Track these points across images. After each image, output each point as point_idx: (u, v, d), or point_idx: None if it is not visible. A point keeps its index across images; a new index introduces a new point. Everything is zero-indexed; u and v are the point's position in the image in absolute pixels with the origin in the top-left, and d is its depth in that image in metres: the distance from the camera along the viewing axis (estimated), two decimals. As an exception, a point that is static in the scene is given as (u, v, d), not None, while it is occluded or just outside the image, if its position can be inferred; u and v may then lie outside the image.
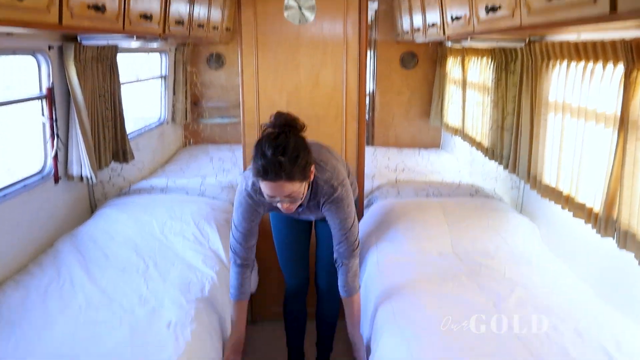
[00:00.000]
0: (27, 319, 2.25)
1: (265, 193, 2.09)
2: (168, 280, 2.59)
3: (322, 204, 2.27)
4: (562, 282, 2.58)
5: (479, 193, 3.48)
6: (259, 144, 2.04)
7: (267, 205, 2.30)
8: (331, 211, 2.27)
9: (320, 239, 2.72)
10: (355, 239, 2.32)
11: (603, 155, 2.33)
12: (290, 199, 2.08)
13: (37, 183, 2.92)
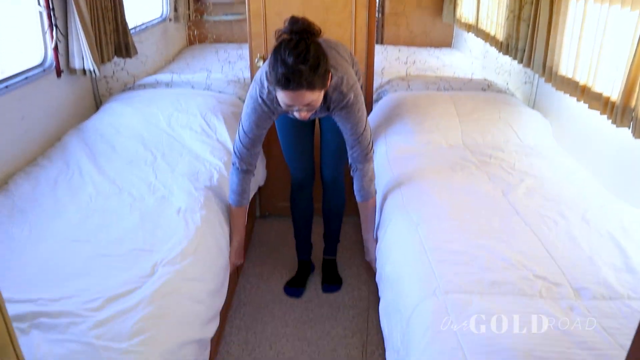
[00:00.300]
0: (38, 207, 2.28)
1: (282, 102, 2.01)
2: (176, 170, 2.58)
3: (332, 109, 2.21)
4: (571, 175, 2.56)
5: (491, 88, 3.38)
6: (277, 51, 1.93)
7: (281, 112, 2.24)
8: (342, 117, 2.22)
9: (324, 131, 2.69)
10: (368, 143, 2.28)
11: (626, 40, 2.22)
12: (308, 107, 2.02)
13: (39, 76, 2.85)
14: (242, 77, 3.65)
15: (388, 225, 2.24)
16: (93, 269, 1.86)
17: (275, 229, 3.56)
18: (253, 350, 2.53)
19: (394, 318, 1.81)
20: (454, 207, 2.17)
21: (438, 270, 1.76)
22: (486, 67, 3.48)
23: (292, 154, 2.75)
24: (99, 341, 1.49)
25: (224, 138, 2.84)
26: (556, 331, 1.50)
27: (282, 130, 2.69)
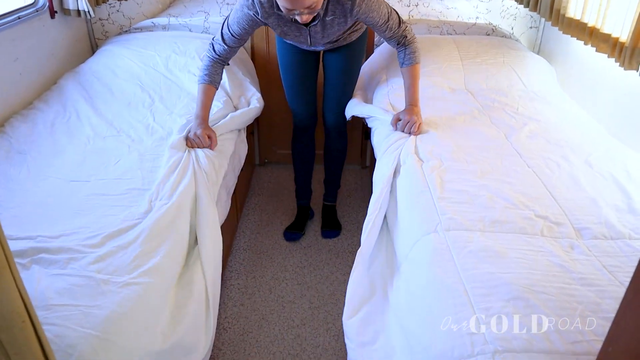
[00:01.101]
0: (36, 148, 2.25)
1: (283, 7, 1.97)
2: (175, 112, 2.54)
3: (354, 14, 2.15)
4: (575, 119, 2.52)
5: (495, 32, 3.29)
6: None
7: (273, 18, 2.19)
8: (364, 14, 2.16)
9: (327, 72, 2.65)
10: (399, 24, 2.26)
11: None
12: (309, 10, 1.98)
13: (33, 16, 2.77)
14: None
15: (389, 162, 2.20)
16: (92, 207, 1.85)
17: (275, 177, 3.55)
18: (253, 294, 2.56)
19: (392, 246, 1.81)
20: (457, 148, 2.14)
21: (440, 207, 1.75)
22: (491, 11, 3.38)
23: (295, 94, 2.70)
24: (99, 275, 1.50)
25: (223, 81, 2.78)
26: (557, 267, 1.50)
27: (284, 68, 2.64)
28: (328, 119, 2.77)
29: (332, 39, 2.36)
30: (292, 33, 2.31)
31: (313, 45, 2.42)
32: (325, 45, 2.46)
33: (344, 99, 2.70)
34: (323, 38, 2.34)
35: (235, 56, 3.02)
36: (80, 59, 3.16)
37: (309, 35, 2.31)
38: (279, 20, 2.23)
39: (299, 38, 2.35)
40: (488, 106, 2.57)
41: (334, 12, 2.17)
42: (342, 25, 2.24)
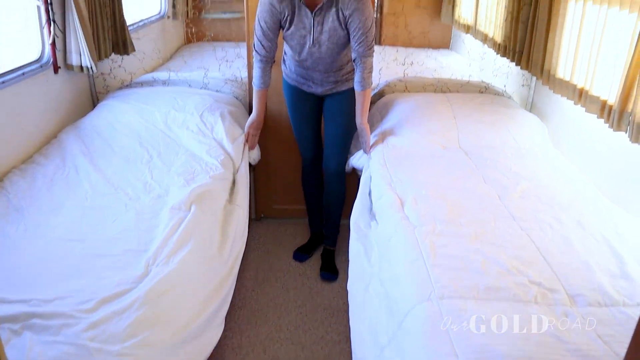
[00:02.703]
0: (34, 205, 2.27)
1: None
2: (172, 169, 2.57)
3: (347, 1, 2.46)
4: (567, 178, 2.56)
5: (488, 90, 3.38)
6: None
7: (286, 3, 2.53)
8: (354, 10, 2.48)
9: (327, 116, 2.92)
10: (372, 40, 2.59)
11: (624, 43, 2.21)
12: None
13: (37, 72, 2.84)
14: (239, 76, 3.64)
15: (382, 224, 2.23)
16: (87, 269, 1.85)
17: (272, 232, 3.55)
18: (247, 355, 2.52)
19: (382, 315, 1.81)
20: (451, 210, 2.17)
21: (434, 275, 1.76)
22: (484, 69, 3.48)
23: (301, 132, 3.04)
24: (92, 343, 1.49)
25: (221, 137, 2.83)
26: (551, 338, 1.50)
27: (292, 110, 2.99)
28: (329, 165, 3.00)
29: (331, 41, 2.60)
30: (300, 24, 2.58)
31: (315, 44, 2.62)
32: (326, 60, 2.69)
33: (344, 146, 2.96)
34: (322, 34, 2.59)
35: (233, 110, 3.10)
36: (81, 113, 3.20)
37: (312, 28, 2.57)
38: (290, 7, 2.55)
39: (303, 32, 2.61)
40: (481, 164, 2.61)
41: (336, 2, 2.49)
42: (343, 22, 2.53)
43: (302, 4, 2.52)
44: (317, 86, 2.81)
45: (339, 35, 2.58)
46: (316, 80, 2.79)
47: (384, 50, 4.48)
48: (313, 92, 2.85)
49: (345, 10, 2.50)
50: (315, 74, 2.77)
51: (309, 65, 2.73)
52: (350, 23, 2.53)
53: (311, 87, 2.83)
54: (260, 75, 2.74)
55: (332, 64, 2.72)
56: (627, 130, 2.20)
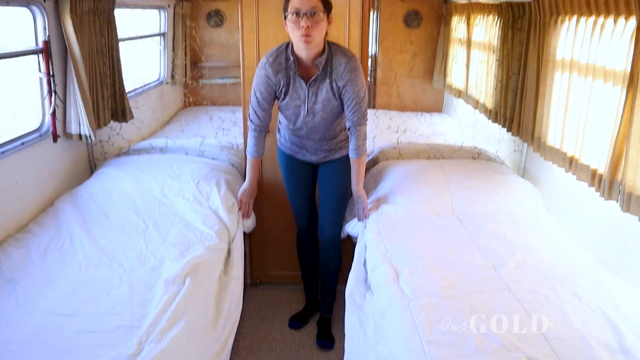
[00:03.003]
0: (27, 277, 2.25)
1: (292, 7, 2.40)
2: (167, 240, 2.57)
3: (341, 73, 2.55)
4: (562, 246, 2.57)
5: (481, 156, 3.44)
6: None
7: (282, 75, 2.60)
8: (348, 81, 2.56)
9: (322, 184, 2.95)
10: (365, 108, 2.66)
11: (610, 114, 2.27)
12: (312, 20, 2.38)
13: (36, 141, 2.88)
14: (235, 143, 3.69)
15: (377, 299, 2.21)
16: (79, 346, 1.82)
17: (267, 299, 3.50)
18: None
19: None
20: (446, 283, 2.16)
21: (429, 351, 1.74)
22: (476, 136, 3.55)
23: (296, 200, 3.06)
24: None
25: (216, 206, 2.84)
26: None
27: (287, 177, 3.03)
28: (324, 233, 3.01)
29: (325, 111, 2.66)
30: (295, 95, 2.65)
31: (309, 113, 2.67)
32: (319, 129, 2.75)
33: (338, 213, 2.98)
34: (316, 104, 2.65)
35: (229, 178, 3.13)
36: (79, 180, 3.22)
37: (307, 98, 2.63)
38: (285, 79, 2.62)
39: (298, 102, 2.66)
40: (476, 233, 2.62)
41: (333, 71, 2.57)
42: (337, 91, 2.60)
43: (296, 75, 2.60)
44: (311, 154, 2.86)
45: (332, 105, 2.65)
46: (310, 149, 2.84)
47: (377, 115, 4.58)
48: (307, 160, 2.90)
49: (339, 81, 2.58)
50: (309, 142, 2.82)
51: (304, 134, 2.78)
52: (344, 93, 2.60)
53: (305, 155, 2.87)
54: (254, 144, 2.80)
55: (326, 133, 2.77)
56: (618, 200, 2.23)
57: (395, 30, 5.15)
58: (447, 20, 4.81)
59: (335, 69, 2.56)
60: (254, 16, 3.10)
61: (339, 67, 2.55)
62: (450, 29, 4.70)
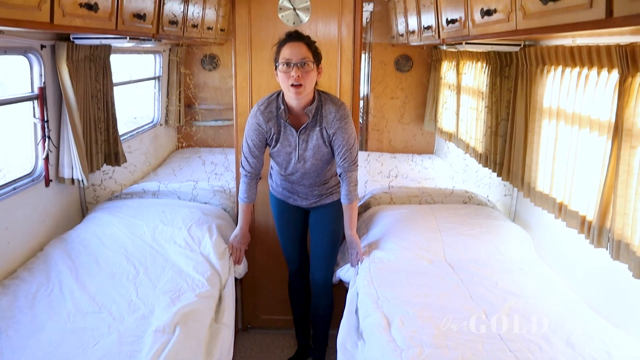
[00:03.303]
0: (14, 326, 2.21)
1: (283, 58, 2.49)
2: (158, 287, 2.55)
3: (331, 121, 2.61)
4: (554, 293, 2.57)
5: (472, 200, 3.46)
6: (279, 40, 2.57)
7: (273, 123, 2.65)
8: (337, 129, 2.62)
9: (313, 229, 2.98)
10: (356, 154, 2.72)
11: (597, 163, 2.31)
12: (302, 70, 2.47)
13: (28, 185, 2.88)
14: (227, 187, 3.71)
15: (369, 348, 2.19)
16: (64, 401, 1.77)
17: (258, 343, 3.46)
18: None
19: None
20: (438, 332, 2.14)
21: (422, 405, 1.71)
22: (466, 181, 3.58)
23: (288, 244, 3.08)
24: None
25: (208, 251, 2.83)
26: None
27: (278, 222, 3.05)
28: (315, 277, 3.00)
29: (316, 157, 2.70)
30: (286, 142, 2.68)
31: (300, 160, 2.71)
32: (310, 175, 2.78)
33: (330, 258, 2.98)
34: (307, 151, 2.69)
35: (221, 223, 3.13)
36: (70, 224, 3.21)
37: (298, 145, 2.67)
38: (276, 127, 2.67)
39: (289, 149, 2.70)
40: (468, 280, 2.62)
41: (324, 119, 2.63)
42: (328, 139, 2.65)
43: (287, 123, 2.65)
44: (302, 200, 2.89)
45: (322, 152, 2.69)
46: (301, 194, 2.87)
47: (369, 161, 4.61)
48: (299, 205, 2.92)
49: (329, 129, 2.63)
50: (301, 187, 2.85)
51: (295, 179, 2.81)
52: (334, 141, 2.65)
53: (297, 200, 2.90)
54: (245, 190, 2.84)
55: (317, 179, 2.80)
56: (608, 247, 2.24)
57: (386, 76, 5.26)
58: (437, 65, 4.92)
59: (325, 117, 2.62)
60: (247, 65, 3.17)
61: (329, 115, 2.61)
62: (440, 74, 4.80)
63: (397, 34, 4.72)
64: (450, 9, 2.90)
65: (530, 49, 2.82)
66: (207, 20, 4.17)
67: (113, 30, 2.53)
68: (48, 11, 1.96)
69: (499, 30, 2.23)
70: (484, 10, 2.30)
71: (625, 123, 2.02)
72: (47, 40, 2.90)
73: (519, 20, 1.99)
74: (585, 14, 1.49)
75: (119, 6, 2.52)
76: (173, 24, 3.32)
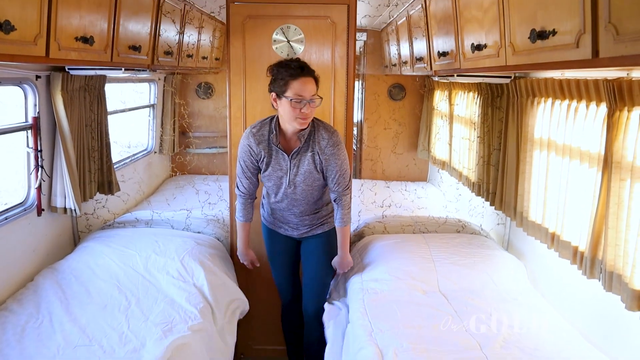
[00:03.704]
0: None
1: (295, 94, 2.47)
2: (150, 318, 2.52)
3: (324, 147, 2.62)
4: (548, 323, 2.56)
5: (465, 229, 3.47)
6: (278, 64, 2.56)
7: (263, 146, 2.66)
8: (330, 155, 2.63)
9: (305, 260, 2.97)
10: (349, 179, 2.75)
11: (588, 194, 2.33)
12: (311, 105, 2.50)
13: (19, 215, 2.86)
14: (221, 216, 3.70)
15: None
16: None
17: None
18: None
19: None
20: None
21: None
22: (459, 210, 3.60)
23: (280, 274, 3.05)
24: None
25: (201, 283, 2.82)
26: None
27: (270, 252, 3.03)
28: (307, 308, 2.98)
29: (307, 183, 2.71)
30: (277, 166, 2.69)
31: (290, 185, 2.70)
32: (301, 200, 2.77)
33: (322, 289, 2.98)
34: (297, 176, 2.68)
35: (215, 253, 3.11)
36: (62, 254, 3.18)
37: (289, 170, 2.67)
38: (268, 149, 2.67)
39: (280, 173, 2.70)
40: (462, 311, 2.61)
41: (316, 144, 2.63)
42: (320, 164, 2.65)
43: (278, 148, 2.66)
44: (293, 229, 2.89)
45: (314, 178, 2.70)
46: (292, 224, 2.87)
47: (362, 190, 4.61)
48: (289, 235, 2.92)
49: (321, 154, 2.65)
50: (291, 216, 2.85)
51: (285, 207, 2.81)
52: (328, 167, 2.67)
53: (287, 230, 2.91)
54: (240, 209, 2.86)
55: (307, 207, 2.81)
56: (600, 279, 2.24)
57: (379, 106, 5.32)
58: (429, 95, 4.98)
59: (318, 142, 2.63)
60: (241, 95, 3.20)
61: (322, 141, 2.63)
62: (432, 103, 4.85)
63: (390, 64, 4.78)
64: (442, 41, 2.96)
65: (520, 81, 2.87)
66: (202, 50, 4.21)
67: (108, 62, 2.56)
68: (44, 45, 1.98)
69: (489, 64, 2.27)
70: (474, 45, 2.35)
71: (614, 156, 2.05)
72: (42, 71, 2.92)
73: (509, 56, 2.03)
74: (572, 53, 1.52)
75: (114, 38, 2.55)
76: (168, 54, 3.36)
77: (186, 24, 3.70)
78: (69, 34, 2.14)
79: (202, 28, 4.14)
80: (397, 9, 3.94)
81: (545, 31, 1.65)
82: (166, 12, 3.25)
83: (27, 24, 1.85)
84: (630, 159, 1.99)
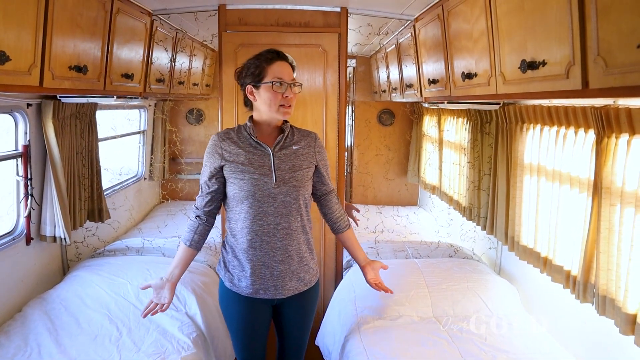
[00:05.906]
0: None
1: (275, 76, 2.18)
2: (142, 349, 2.49)
3: (309, 142, 2.33)
4: (542, 348, 2.56)
5: (457, 254, 3.48)
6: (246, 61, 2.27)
7: (234, 145, 2.22)
8: (318, 153, 2.34)
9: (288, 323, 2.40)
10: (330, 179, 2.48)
11: (579, 218, 2.35)
12: (293, 90, 2.21)
13: (8, 244, 2.83)
14: (212, 243, 3.68)
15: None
16: None
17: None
18: None
19: None
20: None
21: None
22: (451, 235, 3.61)
23: (250, 351, 2.37)
24: None
25: (194, 312, 2.78)
26: None
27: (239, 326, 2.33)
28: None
29: (297, 179, 2.25)
30: (256, 163, 2.21)
31: (278, 182, 2.21)
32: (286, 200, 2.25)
33: (303, 348, 2.48)
34: (287, 172, 2.23)
35: (207, 281, 3.07)
36: (50, 284, 3.13)
37: (273, 165, 2.21)
38: (243, 147, 2.23)
39: (262, 170, 2.21)
40: (457, 337, 2.60)
41: (299, 141, 2.32)
42: (308, 156, 2.31)
43: (257, 142, 2.25)
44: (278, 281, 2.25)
45: (302, 173, 2.29)
46: (276, 271, 2.24)
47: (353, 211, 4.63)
48: (269, 297, 2.26)
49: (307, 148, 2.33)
50: (278, 254, 2.24)
51: (269, 228, 2.22)
52: (320, 162, 2.36)
53: (269, 289, 2.24)
54: (190, 232, 2.32)
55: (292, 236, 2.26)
56: (593, 303, 2.25)
57: (370, 132, 5.37)
58: (419, 120, 5.03)
59: (305, 137, 2.34)
60: (234, 123, 3.21)
61: (308, 137, 2.35)
62: (422, 129, 4.90)
63: (379, 90, 4.84)
64: (432, 68, 3.00)
65: (509, 107, 2.91)
66: (193, 77, 4.24)
67: (101, 90, 2.56)
68: (38, 75, 1.99)
69: (480, 93, 2.31)
70: (465, 74, 2.38)
71: (604, 181, 2.08)
72: (33, 99, 2.91)
73: (500, 85, 2.06)
74: (562, 83, 1.55)
75: (107, 67, 2.56)
76: (160, 82, 3.37)
77: (178, 51, 3.73)
78: (62, 62, 2.15)
79: (193, 55, 4.18)
80: (387, 37, 4.00)
81: (536, 62, 1.69)
82: (158, 40, 3.27)
83: (21, 54, 1.86)
84: (619, 184, 2.02)
